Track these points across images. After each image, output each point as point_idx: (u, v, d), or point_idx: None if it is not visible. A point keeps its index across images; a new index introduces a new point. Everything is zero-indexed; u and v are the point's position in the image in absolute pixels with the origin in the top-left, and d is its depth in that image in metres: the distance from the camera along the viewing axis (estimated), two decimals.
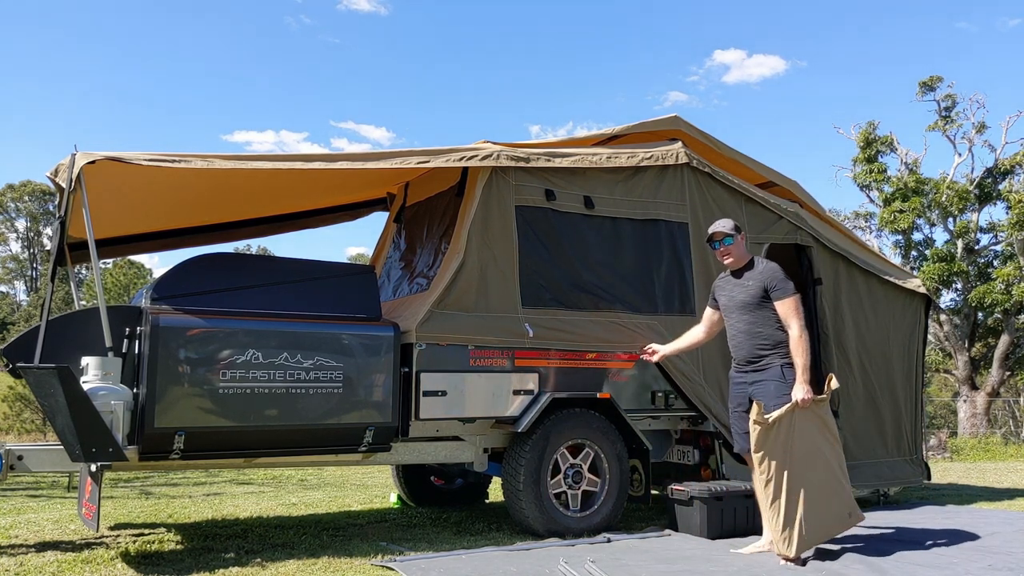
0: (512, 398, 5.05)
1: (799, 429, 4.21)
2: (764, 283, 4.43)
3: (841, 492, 4.32)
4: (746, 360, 4.51)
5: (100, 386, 4.01)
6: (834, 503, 4.29)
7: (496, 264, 5.13)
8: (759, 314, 4.44)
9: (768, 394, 4.34)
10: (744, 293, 4.50)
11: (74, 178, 4.05)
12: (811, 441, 4.24)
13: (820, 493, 4.23)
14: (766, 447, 4.21)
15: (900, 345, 6.80)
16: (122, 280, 31.04)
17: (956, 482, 9.33)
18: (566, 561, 4.13)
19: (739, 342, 4.54)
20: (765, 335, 4.43)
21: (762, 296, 4.42)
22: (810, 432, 4.25)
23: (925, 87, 20.15)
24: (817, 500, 4.21)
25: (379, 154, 4.96)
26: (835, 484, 4.30)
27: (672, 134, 6.05)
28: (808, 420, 4.25)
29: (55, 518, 5.77)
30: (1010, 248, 19.06)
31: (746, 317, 4.48)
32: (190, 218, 6.28)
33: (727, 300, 4.62)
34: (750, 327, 4.47)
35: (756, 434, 4.21)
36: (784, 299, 4.38)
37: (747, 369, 4.51)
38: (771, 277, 4.43)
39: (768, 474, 4.23)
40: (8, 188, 54.29)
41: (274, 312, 4.49)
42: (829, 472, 4.28)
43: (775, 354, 4.40)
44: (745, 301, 4.49)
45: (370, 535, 5.08)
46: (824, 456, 4.28)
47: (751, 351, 4.47)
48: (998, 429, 19.34)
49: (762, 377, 4.42)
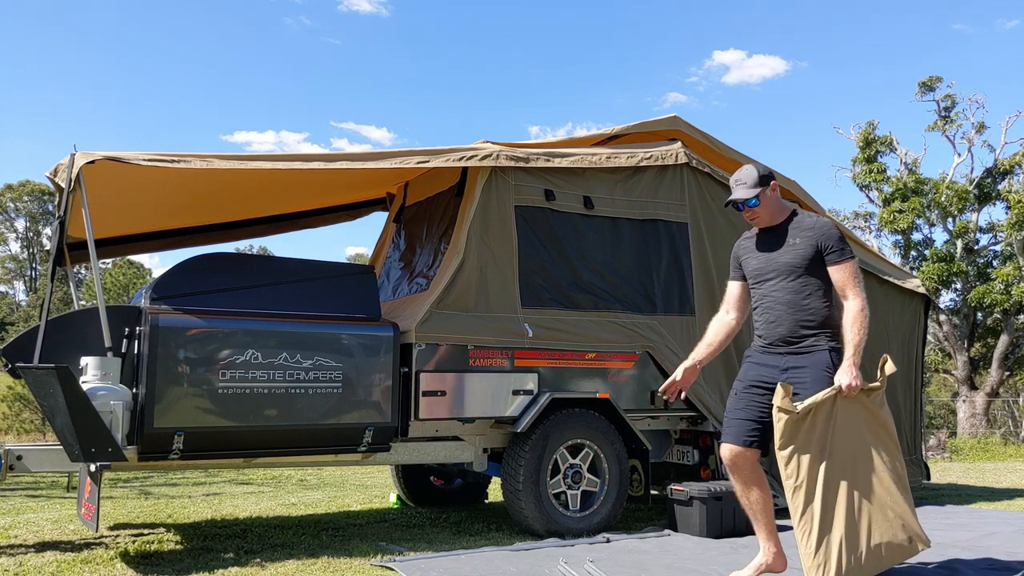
0: (511, 398, 5.05)
1: (842, 423, 3.32)
2: (817, 242, 3.47)
3: (899, 510, 3.32)
4: (783, 339, 3.50)
5: (99, 386, 4.01)
6: (889, 523, 3.30)
7: (495, 264, 5.13)
8: (806, 280, 3.48)
9: (814, 386, 3.39)
10: (790, 253, 3.52)
11: (73, 178, 4.05)
12: (857, 440, 3.33)
13: (869, 508, 3.29)
14: (796, 441, 3.29)
15: (899, 345, 6.80)
16: (121, 280, 31.04)
17: (955, 482, 9.33)
18: (565, 561, 4.13)
19: (778, 315, 3.52)
20: (812, 309, 3.45)
21: (814, 257, 3.47)
22: (856, 428, 3.34)
23: (924, 87, 20.16)
24: (865, 517, 3.27)
25: (378, 154, 4.96)
26: (890, 499, 3.32)
27: (671, 134, 6.05)
28: (855, 413, 3.34)
29: (54, 518, 5.77)
30: (1009, 248, 19.06)
31: (791, 284, 3.50)
32: (190, 218, 6.28)
33: (762, 263, 3.61)
34: (795, 297, 3.48)
35: (782, 425, 3.29)
36: (843, 263, 3.44)
37: (782, 350, 3.51)
38: (826, 235, 3.48)
39: (797, 478, 3.28)
40: (7, 188, 54.29)
41: (273, 312, 4.49)
42: (882, 483, 3.32)
43: (822, 334, 3.44)
44: (791, 264, 3.51)
45: (369, 535, 5.08)
46: (876, 461, 3.33)
47: (793, 327, 3.48)
48: (997, 429, 19.35)
49: (804, 363, 3.45)
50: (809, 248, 3.48)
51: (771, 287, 3.56)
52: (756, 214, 3.61)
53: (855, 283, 3.41)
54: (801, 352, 3.46)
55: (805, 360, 3.44)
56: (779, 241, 3.57)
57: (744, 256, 3.73)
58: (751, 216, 3.63)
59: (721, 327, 3.80)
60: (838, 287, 3.44)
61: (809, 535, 3.22)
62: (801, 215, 3.61)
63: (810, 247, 3.48)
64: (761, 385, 3.52)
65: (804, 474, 3.26)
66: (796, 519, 3.26)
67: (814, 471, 3.27)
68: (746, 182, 3.58)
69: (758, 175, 3.57)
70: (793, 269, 3.50)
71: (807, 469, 3.27)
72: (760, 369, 3.56)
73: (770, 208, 3.59)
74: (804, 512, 3.25)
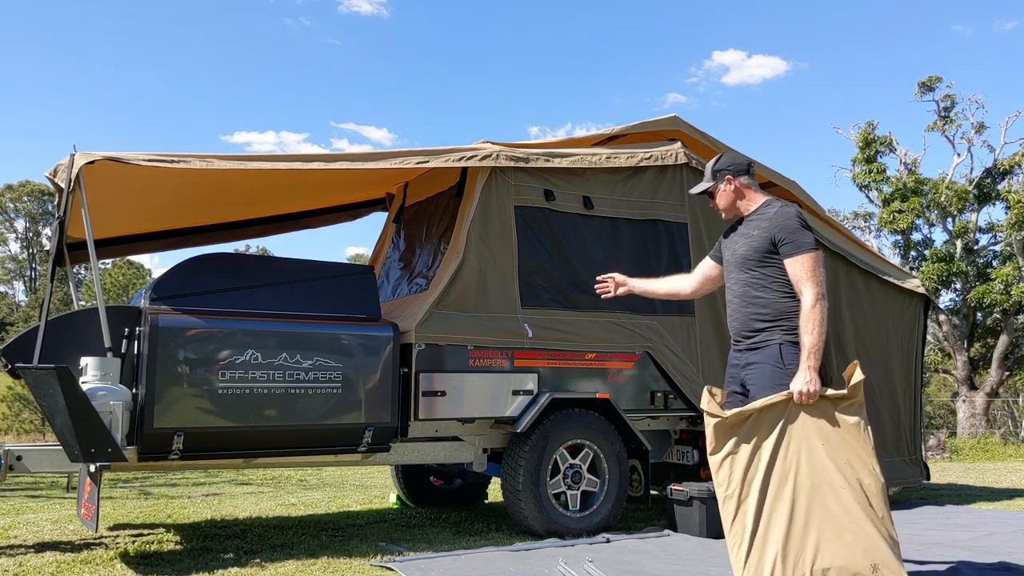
0: (511, 398, 5.05)
1: (797, 432, 3.00)
2: (772, 234, 3.28)
3: (860, 532, 2.91)
4: (739, 334, 3.38)
5: (99, 386, 4.01)
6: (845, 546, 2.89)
7: (495, 264, 5.13)
8: (760, 273, 3.31)
9: (762, 383, 3.19)
10: (745, 245, 3.37)
11: (73, 178, 4.05)
12: (813, 452, 2.98)
13: (819, 528, 2.91)
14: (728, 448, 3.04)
15: (899, 345, 6.80)
16: (121, 280, 31.01)
17: (955, 482, 9.33)
18: (565, 561, 4.13)
19: (732, 309, 3.42)
20: (764, 302, 3.28)
21: (768, 250, 3.29)
22: (812, 439, 2.99)
23: (924, 87, 20.16)
24: (812, 537, 2.90)
25: (378, 154, 4.96)
26: (848, 519, 2.91)
27: (671, 134, 6.05)
28: (814, 423, 3.00)
29: (54, 518, 5.77)
30: (1009, 248, 19.06)
31: (744, 277, 3.36)
32: (190, 218, 6.28)
33: (727, 255, 3.52)
34: (747, 290, 3.34)
35: (711, 430, 3.07)
36: (796, 255, 3.20)
37: (741, 347, 3.38)
38: (781, 226, 3.26)
39: (728, 487, 3.01)
40: (7, 188, 54.26)
41: (273, 312, 4.49)
42: (840, 501, 2.93)
43: (776, 328, 3.23)
44: (744, 256, 3.36)
45: (369, 535, 5.08)
46: (834, 477, 2.95)
47: (745, 321, 3.33)
48: (997, 429, 19.35)
49: (756, 359, 3.26)
50: (763, 240, 3.31)
51: (730, 279, 3.47)
52: (714, 204, 3.56)
53: (811, 277, 3.15)
54: (755, 347, 3.29)
55: (758, 356, 3.26)
56: (742, 232, 3.45)
57: (722, 244, 3.62)
58: (712, 206, 3.58)
59: (674, 283, 3.81)
60: (793, 282, 3.22)
61: (739, 548, 2.96)
62: (767, 206, 3.40)
63: (764, 239, 3.30)
64: (733, 388, 3.38)
65: (736, 483, 3.00)
66: (727, 530, 3.03)
67: (749, 481, 2.99)
68: (705, 175, 3.55)
69: (713, 169, 3.51)
70: (745, 261, 3.36)
71: (739, 478, 3.01)
72: (729, 370, 3.46)
73: (726, 200, 3.49)
74: (734, 523, 2.99)
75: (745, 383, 3.30)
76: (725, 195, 3.49)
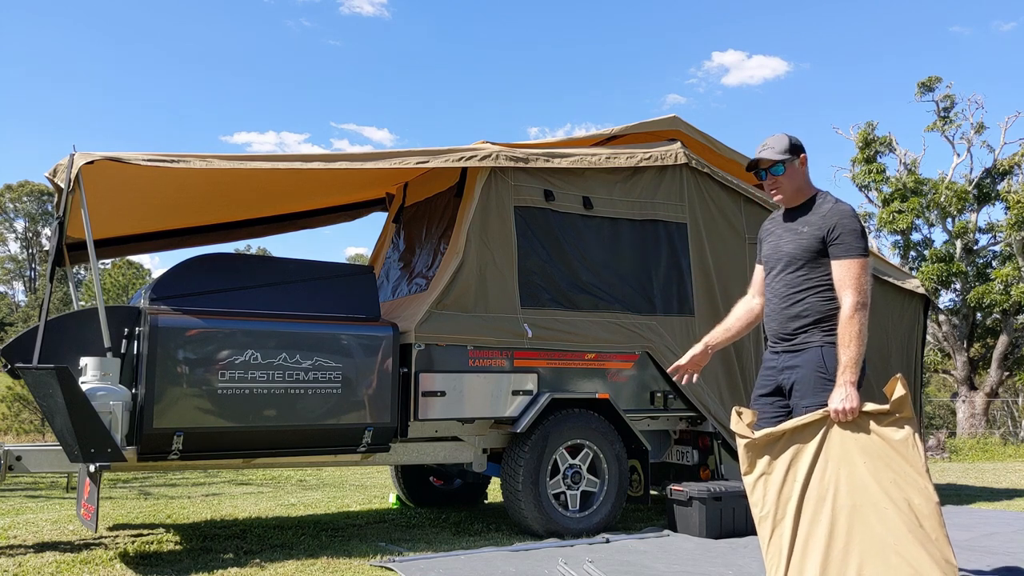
0: (511, 398, 5.05)
1: (838, 451, 2.83)
2: (824, 231, 3.03)
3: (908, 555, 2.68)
4: (776, 335, 3.16)
5: (99, 386, 4.01)
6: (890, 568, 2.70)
7: (495, 264, 5.13)
8: (806, 274, 3.09)
9: (805, 388, 3.01)
10: (793, 242, 3.14)
11: (72, 178, 4.05)
12: (855, 470, 2.79)
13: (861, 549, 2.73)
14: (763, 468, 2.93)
15: (899, 345, 6.80)
16: (121, 280, 30.99)
17: (955, 482, 9.33)
18: (565, 562, 4.13)
19: (771, 309, 3.21)
20: (806, 303, 3.07)
21: (817, 249, 3.06)
22: (855, 456, 2.80)
23: (924, 88, 20.16)
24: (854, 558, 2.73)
25: (378, 154, 4.96)
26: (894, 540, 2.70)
27: (671, 134, 6.05)
28: (856, 440, 2.82)
29: (54, 519, 5.76)
30: (1009, 248, 19.06)
31: (788, 277, 3.13)
32: (190, 218, 6.28)
33: (770, 250, 3.27)
34: (788, 290, 3.12)
35: (742, 451, 2.96)
36: (845, 259, 2.97)
37: (777, 349, 3.16)
38: (836, 224, 3.02)
39: (763, 507, 2.90)
40: (7, 188, 54.25)
41: (273, 312, 4.49)
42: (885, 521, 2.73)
43: (816, 329, 3.03)
44: (791, 254, 3.13)
45: (369, 536, 5.08)
46: (878, 496, 2.75)
47: (783, 322, 3.12)
48: (996, 429, 19.35)
49: (796, 362, 3.06)
50: (813, 239, 3.07)
51: (772, 277, 3.23)
52: (779, 183, 3.16)
53: (855, 283, 2.93)
54: (794, 350, 3.08)
55: (798, 359, 3.06)
56: (790, 227, 3.19)
57: (763, 239, 3.36)
58: (772, 185, 3.19)
59: (744, 311, 3.44)
60: (836, 285, 2.99)
61: (776, 570, 2.84)
62: (823, 199, 3.14)
63: (815, 237, 3.06)
64: (765, 392, 3.19)
65: (770, 504, 2.89)
66: (764, 551, 2.90)
67: (784, 501, 2.87)
68: (774, 147, 3.15)
69: (789, 143, 3.14)
70: (792, 260, 3.13)
71: (773, 498, 2.88)
72: (763, 373, 3.23)
73: (795, 182, 3.15)
74: (770, 544, 2.87)
75: (785, 386, 3.11)
76: (798, 175, 3.15)
